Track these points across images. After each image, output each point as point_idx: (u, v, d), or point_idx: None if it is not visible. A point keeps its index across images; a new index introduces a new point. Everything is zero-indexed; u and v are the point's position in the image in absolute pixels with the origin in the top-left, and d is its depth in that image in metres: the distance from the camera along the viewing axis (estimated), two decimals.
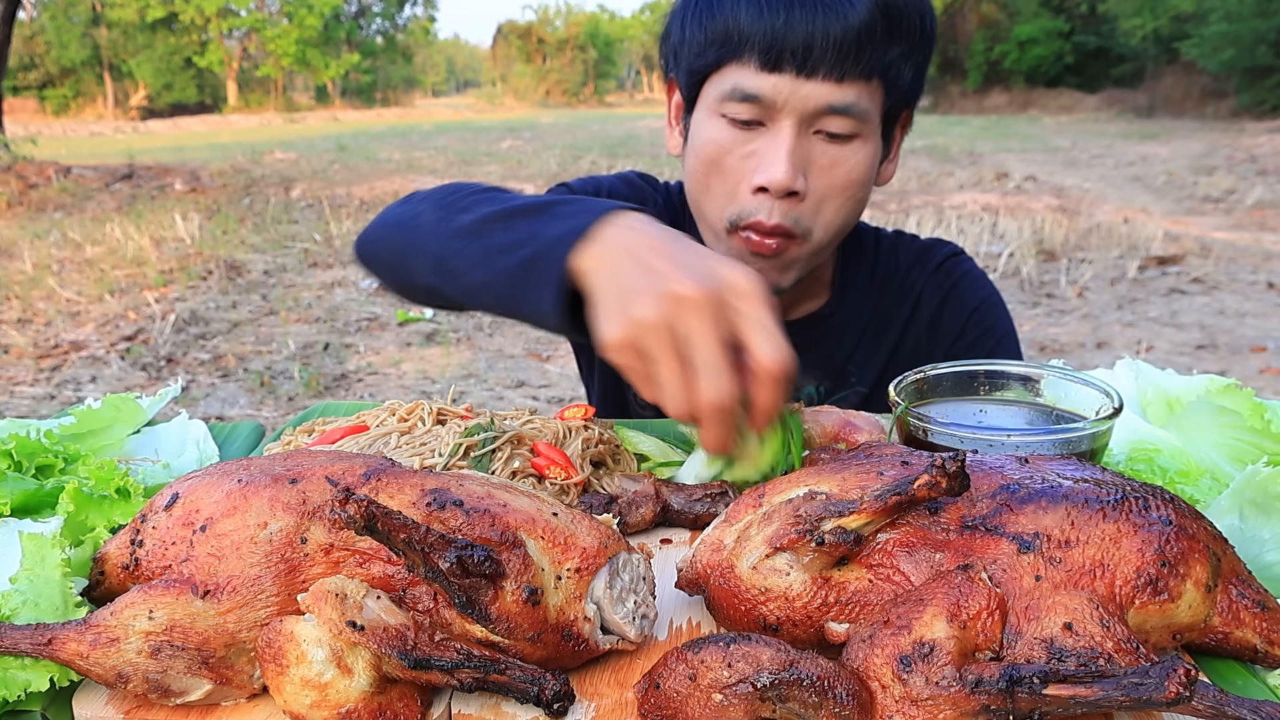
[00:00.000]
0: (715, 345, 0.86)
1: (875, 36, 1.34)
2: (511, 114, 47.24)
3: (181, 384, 3.16)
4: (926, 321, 1.70)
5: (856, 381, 1.69)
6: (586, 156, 18.28)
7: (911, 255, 1.73)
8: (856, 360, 1.69)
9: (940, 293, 1.69)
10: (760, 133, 1.40)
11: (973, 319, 1.68)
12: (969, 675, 0.64)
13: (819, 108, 1.36)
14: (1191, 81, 27.67)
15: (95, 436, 1.20)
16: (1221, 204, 11.16)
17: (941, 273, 1.71)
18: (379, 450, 1.15)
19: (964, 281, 1.70)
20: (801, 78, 1.34)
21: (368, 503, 0.67)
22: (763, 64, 1.35)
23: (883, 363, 1.70)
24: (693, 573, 0.83)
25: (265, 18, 52.54)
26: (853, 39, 1.33)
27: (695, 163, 1.47)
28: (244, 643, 0.74)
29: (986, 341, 1.66)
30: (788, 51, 1.33)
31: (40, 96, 48.87)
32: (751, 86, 1.36)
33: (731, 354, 0.87)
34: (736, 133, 1.40)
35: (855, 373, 1.70)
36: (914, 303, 1.70)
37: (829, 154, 1.39)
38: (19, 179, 13.92)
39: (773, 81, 1.35)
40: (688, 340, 0.86)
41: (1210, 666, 0.80)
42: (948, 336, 1.68)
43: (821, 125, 1.38)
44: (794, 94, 1.35)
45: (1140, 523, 0.74)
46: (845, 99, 1.36)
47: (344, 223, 10.88)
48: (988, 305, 1.69)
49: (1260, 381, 5.21)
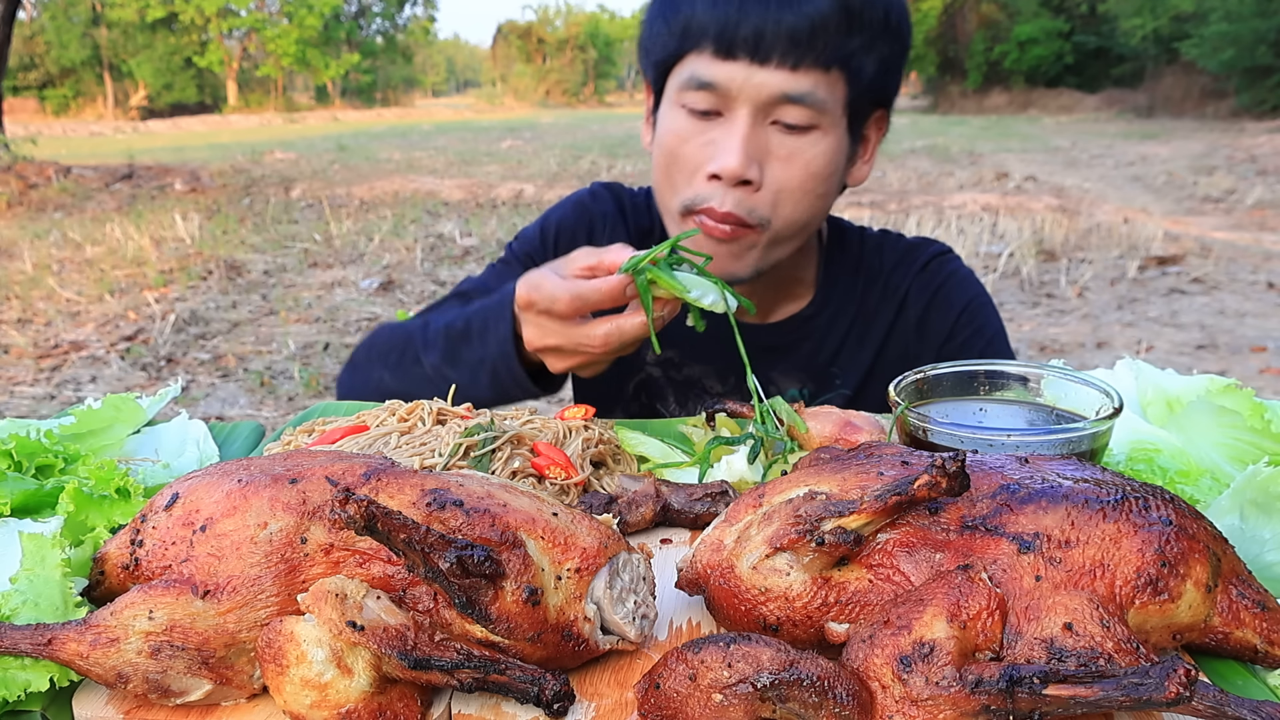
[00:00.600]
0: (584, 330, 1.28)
1: (831, 26, 1.35)
2: (511, 114, 47.26)
3: (181, 384, 3.16)
4: (914, 323, 1.68)
5: (841, 384, 1.68)
6: (586, 156, 18.28)
7: (897, 255, 1.71)
8: (840, 362, 1.68)
9: (927, 293, 1.68)
10: (717, 122, 1.41)
11: (961, 320, 1.66)
12: (969, 675, 0.64)
13: (774, 96, 1.37)
14: (1191, 81, 27.67)
15: (95, 436, 1.20)
16: (1221, 204, 11.16)
17: (928, 272, 1.69)
18: (379, 450, 1.15)
19: (951, 281, 1.69)
20: (755, 65, 1.36)
21: (368, 503, 0.67)
22: (716, 52, 1.37)
23: (868, 364, 1.69)
24: (693, 573, 0.83)
25: (265, 18, 52.54)
26: (806, 27, 1.34)
27: (658, 153, 1.50)
28: (244, 643, 0.74)
29: (976, 342, 1.65)
30: (740, 39, 1.35)
31: (40, 96, 48.87)
32: (706, 74, 1.38)
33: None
34: (695, 122, 1.42)
35: (839, 374, 1.69)
36: (900, 303, 1.68)
37: (786, 145, 1.40)
38: (19, 179, 13.92)
39: (727, 70, 1.37)
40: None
41: (1210, 666, 0.80)
42: (936, 338, 1.67)
43: (778, 115, 1.39)
44: (748, 82, 1.36)
45: (1140, 523, 0.74)
46: (800, 87, 1.36)
47: (344, 223, 10.89)
48: (976, 305, 1.67)
49: (1260, 381, 5.21)
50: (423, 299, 7.65)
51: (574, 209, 1.81)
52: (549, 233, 1.79)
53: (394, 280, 8.25)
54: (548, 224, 1.80)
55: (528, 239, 1.80)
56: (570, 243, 1.75)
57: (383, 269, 8.68)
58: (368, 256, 9.22)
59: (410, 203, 12.63)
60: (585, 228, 1.78)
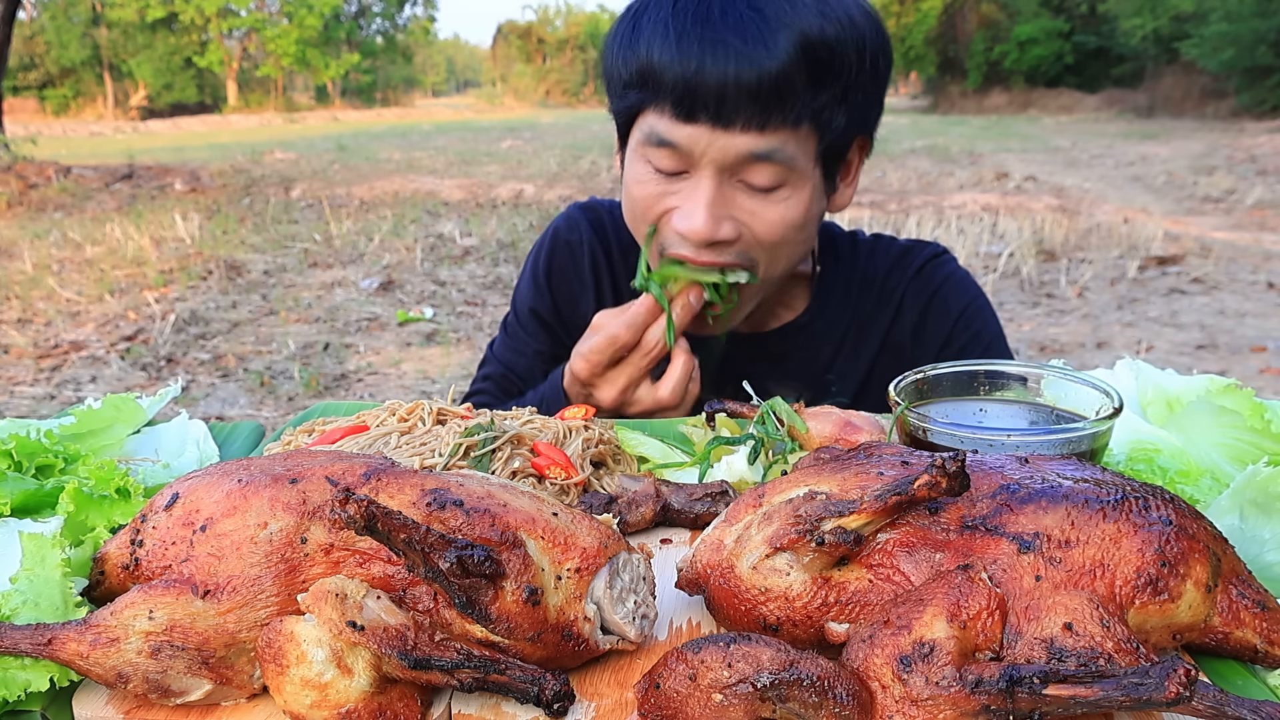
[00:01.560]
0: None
1: (798, 83, 1.28)
2: (511, 114, 47.27)
3: (181, 384, 3.16)
4: (910, 327, 1.66)
5: (838, 391, 1.66)
6: (586, 156, 18.27)
7: (891, 259, 1.68)
8: (837, 369, 1.67)
9: (923, 297, 1.65)
10: (682, 180, 1.37)
11: (959, 324, 1.63)
12: (969, 675, 0.64)
13: (739, 156, 1.32)
14: (1191, 81, 27.67)
15: (95, 436, 1.20)
16: (1221, 204, 11.16)
17: (923, 276, 1.66)
18: (379, 450, 1.15)
19: (948, 284, 1.66)
20: (719, 129, 1.30)
21: (368, 503, 0.67)
22: (677, 114, 1.31)
23: (864, 371, 1.67)
24: (693, 573, 0.83)
25: (265, 18, 52.54)
26: (770, 87, 1.27)
27: (625, 197, 1.48)
28: (244, 643, 0.74)
29: (975, 347, 1.62)
30: (700, 102, 1.29)
31: (40, 96, 48.88)
32: (668, 134, 1.33)
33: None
34: (660, 178, 1.38)
35: (836, 381, 1.67)
36: (896, 308, 1.66)
37: (753, 202, 1.36)
38: (19, 179, 13.92)
39: (688, 131, 1.32)
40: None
41: (1210, 666, 0.80)
42: (934, 342, 1.64)
43: (745, 175, 1.34)
44: (711, 145, 1.31)
45: (1140, 523, 0.74)
46: (767, 146, 1.31)
47: (344, 223, 10.89)
48: (974, 309, 1.64)
49: (1260, 381, 5.21)
50: (423, 299, 7.65)
51: (553, 246, 1.79)
52: (540, 278, 1.78)
53: (394, 280, 8.25)
54: (536, 271, 1.80)
55: (524, 296, 1.81)
56: (563, 282, 1.76)
57: (383, 269, 8.68)
58: (368, 256, 9.22)
59: (410, 203, 12.63)
60: (570, 262, 1.77)
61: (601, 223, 1.79)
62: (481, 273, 8.57)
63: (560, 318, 1.78)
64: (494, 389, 1.75)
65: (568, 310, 1.77)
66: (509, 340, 1.81)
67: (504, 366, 1.78)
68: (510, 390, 1.75)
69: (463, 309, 7.36)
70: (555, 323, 1.78)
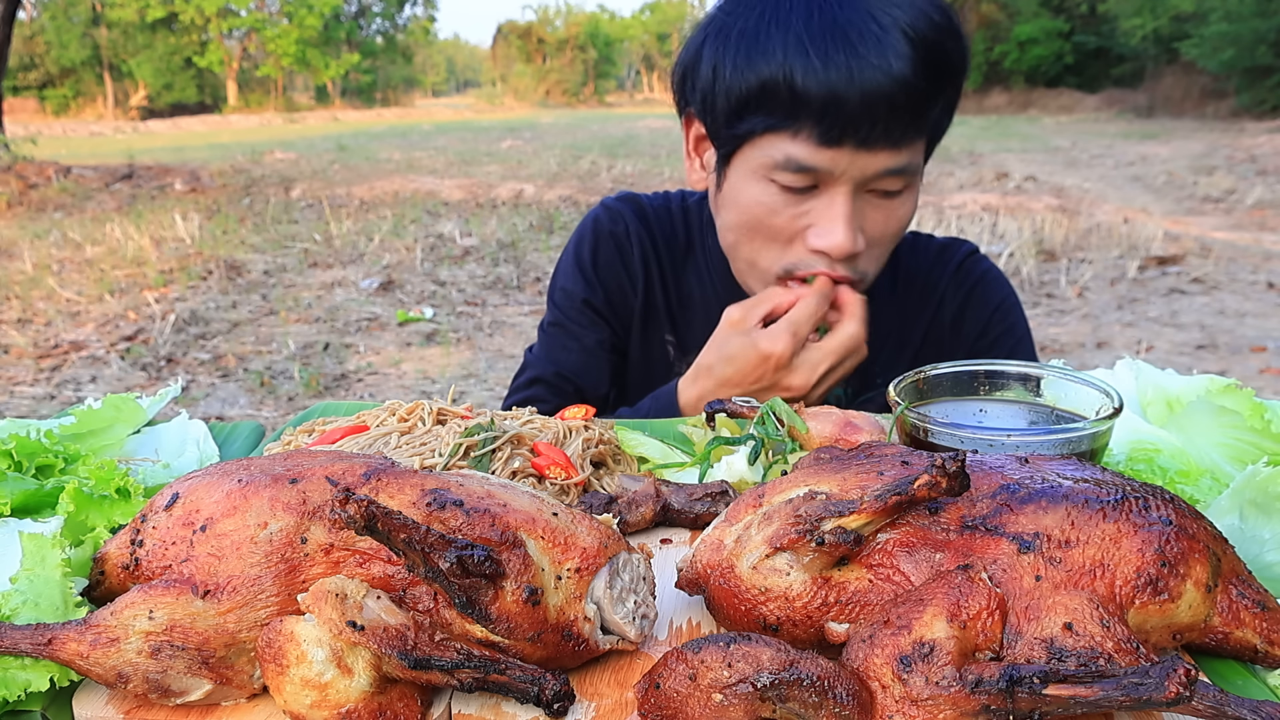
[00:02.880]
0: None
1: (923, 96, 1.30)
2: (511, 114, 47.26)
3: (181, 384, 3.16)
4: (949, 321, 1.71)
5: (882, 382, 1.69)
6: (586, 156, 18.27)
7: (930, 256, 1.74)
8: (882, 362, 1.69)
9: (962, 292, 1.70)
10: (813, 196, 1.36)
11: (995, 317, 1.69)
12: (969, 675, 0.64)
13: (876, 174, 1.34)
14: (1191, 81, 27.67)
15: (95, 436, 1.20)
16: (1221, 204, 11.16)
17: (962, 272, 1.72)
18: (379, 450, 1.15)
19: (985, 280, 1.72)
20: (861, 150, 1.31)
21: (368, 503, 0.67)
22: (821, 139, 1.30)
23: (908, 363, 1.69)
24: (693, 573, 0.83)
25: (265, 18, 52.54)
26: (903, 103, 1.28)
27: (738, 218, 1.44)
28: (244, 643, 0.74)
29: (1007, 340, 1.67)
30: (850, 126, 1.28)
31: (40, 96, 48.87)
32: (807, 159, 1.32)
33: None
34: (787, 196, 1.37)
35: (880, 374, 1.70)
36: (936, 304, 1.71)
37: (882, 209, 1.39)
38: (19, 179, 13.92)
39: (831, 155, 1.31)
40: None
41: (1210, 666, 0.80)
42: (970, 334, 1.70)
43: (875, 185, 1.36)
44: (852, 165, 1.32)
45: (1140, 523, 0.74)
46: (899, 162, 1.34)
47: (344, 223, 10.89)
48: (1008, 304, 1.71)
49: (1260, 381, 5.21)
50: (423, 299, 7.65)
51: (597, 238, 1.75)
52: (588, 270, 1.74)
53: (394, 280, 8.25)
54: (582, 263, 1.75)
55: (571, 288, 1.75)
56: (610, 274, 1.73)
57: (383, 269, 8.68)
58: (368, 256, 9.22)
59: (410, 203, 12.63)
60: (616, 252, 1.74)
61: (645, 213, 1.76)
62: (481, 273, 8.57)
63: (612, 307, 1.74)
64: (546, 393, 1.70)
65: (618, 299, 1.74)
66: (555, 339, 1.76)
67: (554, 366, 1.73)
68: (565, 391, 1.70)
69: (463, 309, 7.36)
70: (609, 313, 1.74)
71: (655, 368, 1.76)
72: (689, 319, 1.74)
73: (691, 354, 1.73)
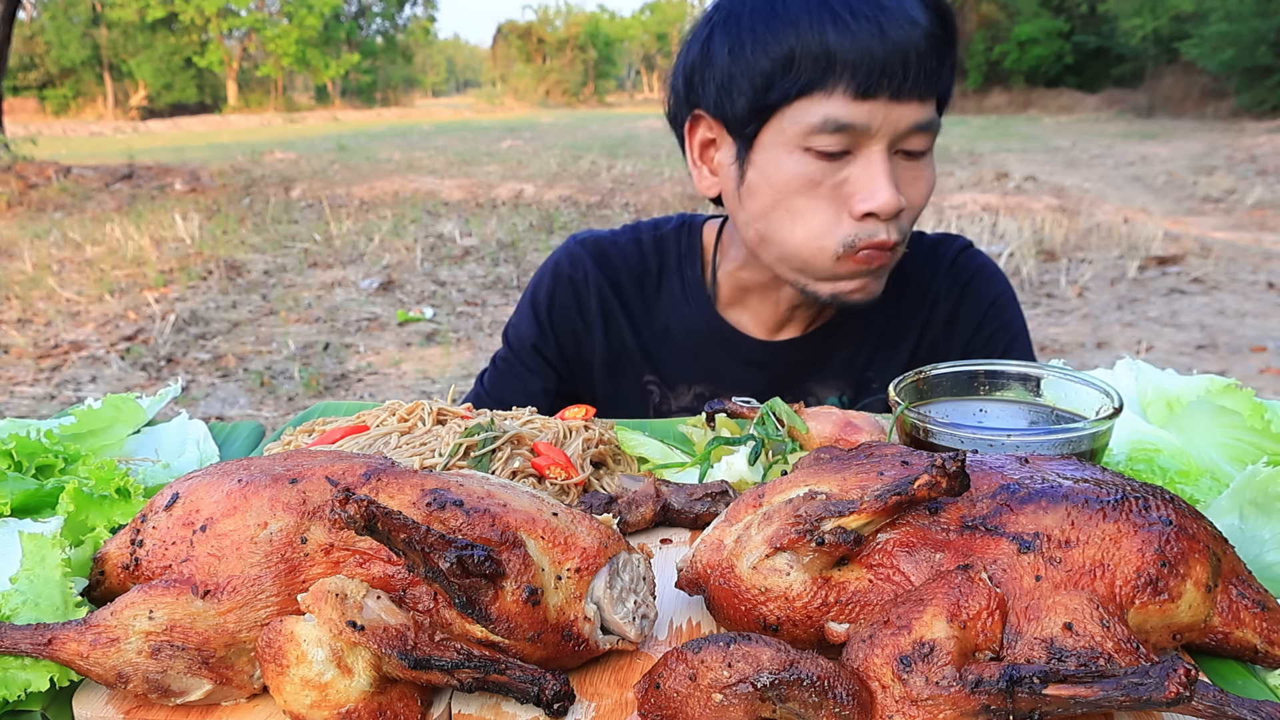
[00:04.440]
0: None
1: (944, 44, 1.34)
2: (511, 114, 47.27)
3: (181, 384, 3.16)
4: (944, 318, 1.69)
5: (878, 388, 1.68)
6: (586, 156, 18.28)
7: (923, 253, 1.70)
8: (876, 366, 1.68)
9: (957, 288, 1.68)
10: (847, 161, 1.37)
11: (990, 313, 1.67)
12: (969, 675, 0.64)
13: (908, 128, 1.34)
14: (1191, 81, 27.67)
15: (95, 436, 1.20)
16: (1221, 204, 11.16)
17: (956, 268, 1.69)
18: (379, 450, 1.15)
19: (980, 275, 1.69)
20: (894, 102, 1.32)
21: (368, 503, 0.67)
22: (858, 93, 1.31)
23: (903, 365, 1.68)
24: (693, 573, 0.83)
25: (265, 18, 52.55)
26: (930, 54, 1.32)
27: (774, 198, 1.41)
28: (244, 643, 0.74)
29: (1003, 337, 1.66)
30: (885, 76, 1.30)
31: (40, 96, 48.88)
32: (845, 116, 1.32)
33: None
34: (824, 164, 1.36)
35: (876, 379, 1.68)
36: (931, 303, 1.69)
37: (911, 170, 1.39)
38: (19, 179, 13.92)
39: (867, 109, 1.32)
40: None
41: (1210, 666, 0.80)
42: (965, 331, 1.68)
43: (904, 144, 1.37)
44: (887, 119, 1.33)
45: (1140, 523, 0.74)
46: (928, 116, 1.36)
47: (344, 223, 10.89)
48: (1004, 300, 1.69)
49: (1260, 381, 5.21)
50: (423, 299, 7.65)
51: (555, 283, 1.73)
52: (542, 315, 1.72)
53: (394, 280, 8.25)
54: (537, 306, 1.73)
55: (523, 331, 1.74)
56: (565, 321, 1.71)
57: (383, 269, 8.68)
58: (368, 256, 9.22)
59: (410, 203, 12.63)
60: (573, 298, 1.71)
61: (606, 256, 1.72)
62: (481, 273, 8.57)
63: (563, 355, 1.73)
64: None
65: (571, 348, 1.72)
66: (503, 375, 1.75)
67: (495, 403, 1.71)
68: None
69: (463, 309, 7.36)
70: (558, 360, 1.73)
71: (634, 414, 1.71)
72: (671, 353, 1.70)
73: (679, 388, 1.71)
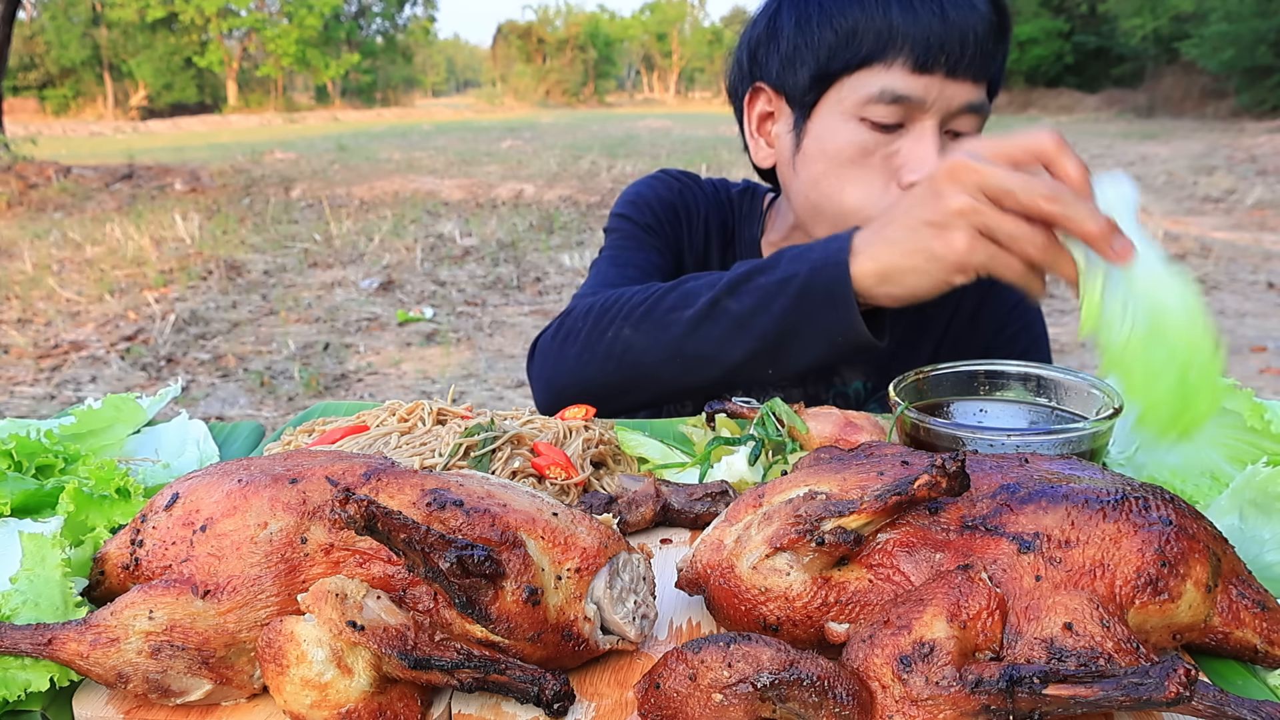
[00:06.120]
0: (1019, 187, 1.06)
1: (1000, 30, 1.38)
2: (511, 114, 47.28)
3: (181, 384, 3.16)
4: (968, 315, 1.71)
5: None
6: (586, 156, 18.28)
7: None
8: (901, 355, 1.69)
9: (981, 289, 1.69)
10: (900, 134, 1.41)
11: (1013, 313, 1.70)
12: (969, 675, 0.64)
13: (960, 107, 1.38)
14: (1191, 81, 27.67)
15: (95, 436, 1.20)
16: (1221, 204, 11.16)
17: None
18: (379, 450, 1.15)
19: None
20: (950, 79, 1.36)
21: (368, 503, 0.67)
22: (916, 66, 1.36)
23: (926, 357, 1.70)
24: (693, 573, 0.83)
25: (265, 18, 52.57)
26: (985, 34, 1.36)
27: (828, 166, 1.47)
28: (244, 643, 0.74)
29: (1024, 339, 1.68)
30: (943, 53, 1.34)
31: (40, 96, 48.89)
32: (902, 88, 1.37)
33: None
34: (877, 135, 1.41)
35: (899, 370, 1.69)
36: (955, 302, 1.71)
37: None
38: (19, 179, 13.92)
39: (924, 82, 1.36)
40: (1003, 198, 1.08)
41: (1210, 666, 0.80)
42: (988, 329, 1.70)
43: (954, 124, 1.41)
44: (941, 94, 1.37)
45: (1140, 523, 0.74)
46: (979, 97, 1.40)
47: (344, 223, 10.89)
48: (1026, 303, 1.71)
49: (1260, 381, 5.21)
50: (423, 299, 7.65)
51: (660, 185, 1.77)
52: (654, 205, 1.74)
53: (394, 280, 8.25)
54: (647, 197, 1.75)
55: (639, 207, 1.74)
56: (670, 215, 1.75)
57: (383, 269, 8.68)
58: (368, 256, 9.23)
59: (410, 203, 12.63)
60: (680, 202, 1.76)
61: (708, 192, 1.79)
62: (481, 273, 8.57)
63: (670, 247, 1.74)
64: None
65: (675, 247, 1.75)
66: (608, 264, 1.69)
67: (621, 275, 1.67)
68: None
69: (463, 309, 7.36)
70: (664, 247, 1.73)
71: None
72: None
73: None
